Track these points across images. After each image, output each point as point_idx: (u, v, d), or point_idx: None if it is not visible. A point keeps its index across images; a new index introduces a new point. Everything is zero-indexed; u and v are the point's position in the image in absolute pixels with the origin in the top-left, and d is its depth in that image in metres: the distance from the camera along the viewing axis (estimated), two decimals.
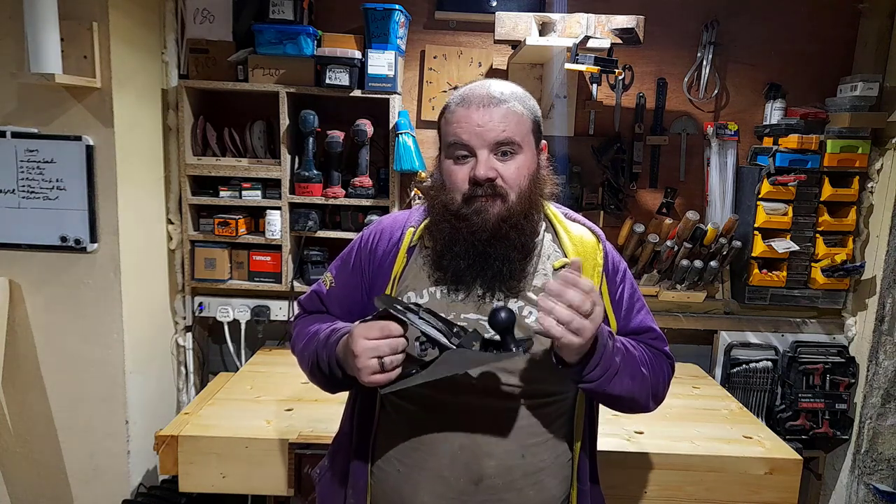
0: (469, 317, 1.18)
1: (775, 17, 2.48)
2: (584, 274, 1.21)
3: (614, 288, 1.29)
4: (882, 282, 2.39)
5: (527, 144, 1.18)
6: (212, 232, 2.40)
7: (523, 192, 1.17)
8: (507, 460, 1.19)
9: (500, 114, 1.16)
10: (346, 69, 2.25)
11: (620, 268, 1.32)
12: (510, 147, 1.16)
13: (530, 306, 1.18)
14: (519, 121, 1.17)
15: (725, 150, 2.52)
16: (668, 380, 1.30)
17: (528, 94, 1.24)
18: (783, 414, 2.52)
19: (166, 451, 1.78)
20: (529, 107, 1.21)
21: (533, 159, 1.20)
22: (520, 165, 1.17)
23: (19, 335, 2.11)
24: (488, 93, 1.18)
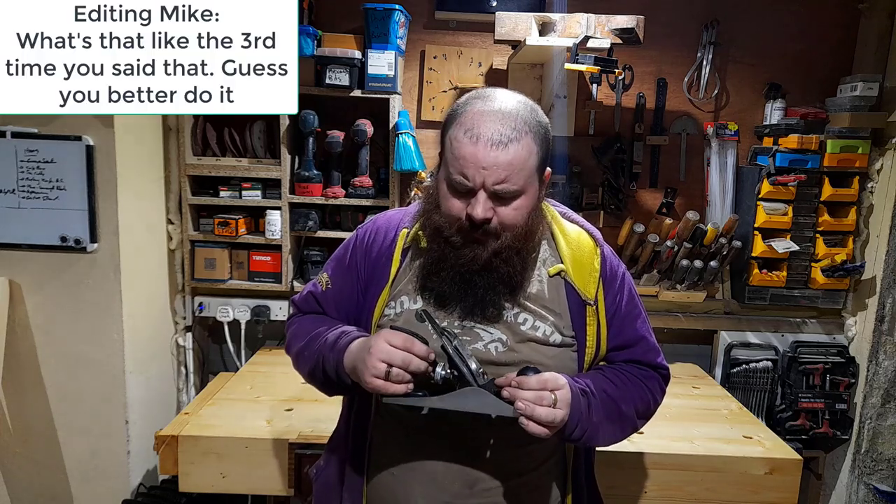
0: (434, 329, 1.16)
1: (775, 17, 2.48)
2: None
3: (612, 295, 1.25)
4: (882, 282, 2.39)
5: (530, 185, 1.11)
6: (212, 232, 2.40)
7: (522, 230, 1.13)
8: (503, 464, 1.18)
9: (507, 159, 1.06)
10: (346, 69, 2.25)
11: (619, 272, 1.28)
12: (511, 194, 1.10)
13: (525, 313, 1.17)
14: (525, 164, 1.09)
15: (725, 150, 2.52)
16: (656, 396, 1.28)
17: (539, 119, 1.14)
18: (783, 414, 2.52)
19: (166, 451, 1.78)
20: (541, 137, 1.12)
21: (534, 196, 1.14)
22: (519, 206, 1.11)
23: (19, 335, 2.11)
24: (498, 128, 1.07)
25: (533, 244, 1.17)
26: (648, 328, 1.31)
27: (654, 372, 1.29)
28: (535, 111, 1.14)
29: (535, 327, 1.17)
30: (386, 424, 1.22)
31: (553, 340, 1.18)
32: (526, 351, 1.16)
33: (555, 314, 1.19)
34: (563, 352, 1.19)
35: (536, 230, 1.17)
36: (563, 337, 1.19)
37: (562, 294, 1.20)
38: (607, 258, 1.26)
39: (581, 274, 1.21)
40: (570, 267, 1.21)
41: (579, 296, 1.20)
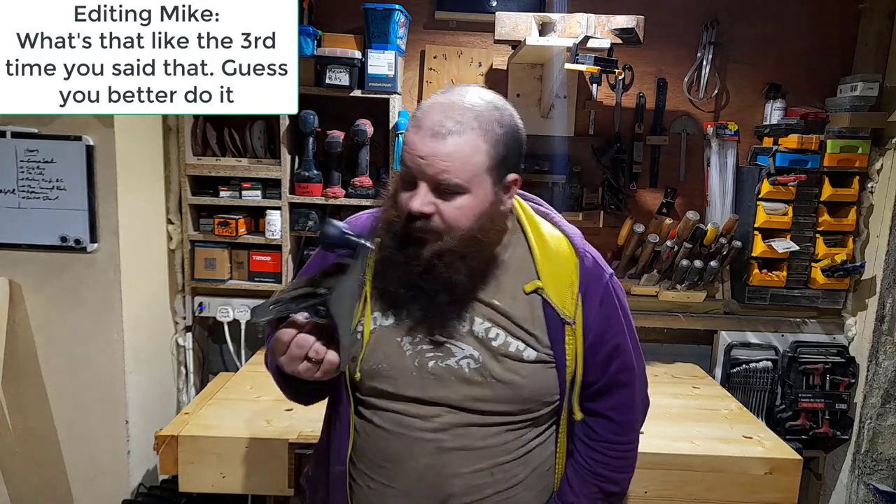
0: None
1: (775, 17, 2.48)
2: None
3: (589, 311, 1.17)
4: (882, 282, 2.39)
5: (477, 184, 1.06)
6: (212, 232, 2.40)
7: (466, 233, 1.07)
8: (475, 480, 1.16)
9: (446, 150, 1.03)
10: (346, 69, 2.25)
11: (602, 282, 1.19)
12: (451, 188, 1.05)
13: (497, 328, 1.13)
14: (468, 160, 1.04)
15: (725, 150, 2.52)
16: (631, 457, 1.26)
17: (501, 117, 1.07)
18: (783, 414, 2.52)
19: (166, 451, 1.78)
20: (496, 138, 1.06)
21: (485, 199, 1.08)
22: (463, 206, 1.06)
23: (19, 335, 2.11)
24: (440, 119, 1.04)
25: (485, 253, 1.12)
26: (634, 354, 1.23)
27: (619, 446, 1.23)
28: (500, 111, 1.08)
29: (507, 343, 1.13)
30: (362, 437, 1.20)
31: (527, 357, 1.14)
32: (498, 369, 1.12)
33: (529, 332, 1.14)
34: (538, 369, 1.15)
35: (488, 238, 1.11)
36: (539, 354, 1.15)
37: (537, 311, 1.15)
38: (588, 268, 1.18)
39: (559, 289, 1.15)
40: (548, 282, 1.15)
41: (557, 314, 1.14)
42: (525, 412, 1.17)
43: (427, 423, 1.15)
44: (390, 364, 1.15)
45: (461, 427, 1.15)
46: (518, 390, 1.14)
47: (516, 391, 1.14)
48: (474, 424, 1.15)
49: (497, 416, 1.15)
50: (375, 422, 1.18)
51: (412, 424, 1.15)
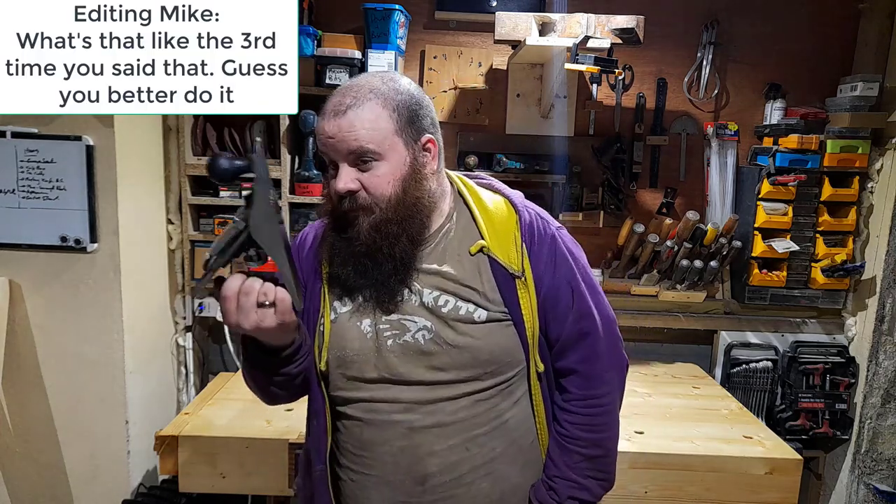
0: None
1: (775, 17, 2.48)
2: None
3: (538, 263, 1.18)
4: (882, 282, 2.39)
5: (390, 148, 1.10)
6: (212, 232, 2.40)
7: (394, 199, 1.11)
8: (450, 456, 1.16)
9: (348, 122, 1.08)
10: (346, 69, 2.26)
11: (547, 235, 1.20)
12: (367, 156, 1.09)
13: (446, 294, 1.15)
14: (373, 125, 1.09)
15: (725, 150, 2.52)
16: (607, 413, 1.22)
17: (398, 86, 1.13)
18: (783, 414, 2.52)
19: (166, 451, 1.78)
20: (395, 102, 1.11)
21: (403, 161, 1.12)
22: (383, 173, 1.10)
23: (19, 335, 2.11)
24: (339, 99, 1.10)
25: (419, 217, 1.14)
26: (599, 307, 1.22)
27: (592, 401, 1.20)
28: (393, 81, 1.14)
29: (457, 307, 1.15)
30: (340, 430, 1.22)
31: (478, 317, 1.15)
32: (452, 334, 1.14)
33: (478, 292, 1.15)
34: (493, 328, 1.16)
35: (416, 200, 1.13)
36: (491, 313, 1.15)
37: (485, 270, 1.17)
38: (530, 221, 1.20)
39: (503, 245, 1.18)
40: (491, 240, 1.17)
41: (505, 269, 1.16)
42: (489, 375, 1.17)
43: (395, 405, 1.17)
44: (353, 349, 1.18)
45: (429, 404, 1.16)
46: (475, 353, 1.14)
47: (474, 354, 1.14)
48: (441, 399, 1.16)
49: (462, 385, 1.16)
50: (349, 413, 1.20)
51: (381, 409, 1.17)
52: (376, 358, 1.17)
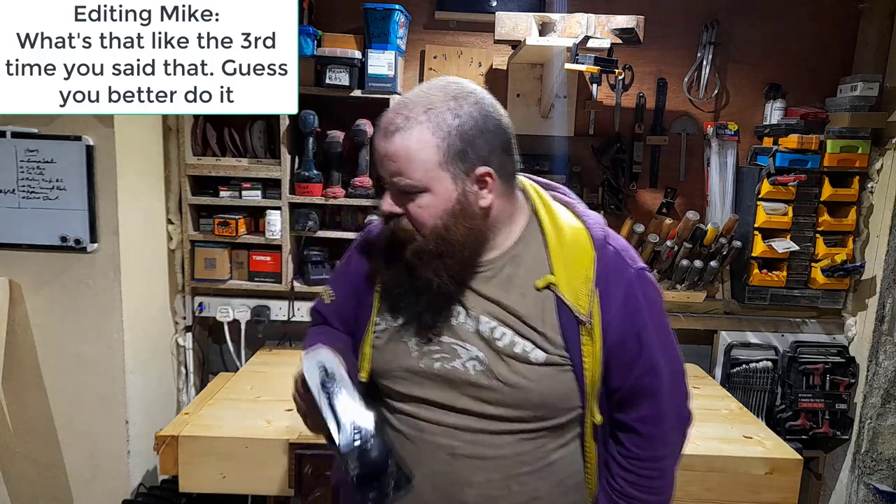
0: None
1: (775, 17, 2.48)
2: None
3: (609, 308, 1.07)
4: (882, 282, 2.39)
5: (434, 180, 1.00)
6: (212, 232, 2.40)
7: (435, 234, 1.03)
8: (490, 490, 1.10)
9: (394, 148, 1.00)
10: (346, 69, 2.25)
11: (624, 277, 1.08)
12: (406, 188, 1.01)
13: (504, 327, 1.07)
14: (417, 156, 0.99)
15: (725, 150, 2.52)
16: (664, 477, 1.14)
17: (459, 108, 1.00)
18: (783, 414, 2.52)
19: (166, 451, 1.78)
20: (447, 129, 0.99)
21: (448, 195, 1.01)
22: (426, 204, 1.02)
23: (19, 335, 2.11)
24: (392, 117, 1.01)
25: (464, 252, 1.05)
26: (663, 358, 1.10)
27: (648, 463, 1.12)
28: (459, 101, 1.01)
29: (514, 343, 1.06)
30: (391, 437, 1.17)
31: (535, 358, 1.06)
32: (505, 371, 1.06)
33: (537, 332, 1.07)
34: (549, 371, 1.07)
35: (462, 237, 1.04)
36: (549, 355, 1.06)
37: (550, 309, 1.07)
38: (608, 261, 1.09)
39: (573, 284, 1.07)
40: (560, 276, 1.07)
41: (571, 311, 1.06)
42: (538, 419, 1.09)
43: (438, 427, 1.11)
44: (399, 364, 1.13)
45: (472, 433, 1.10)
46: (527, 394, 1.06)
47: (525, 395, 1.06)
48: (485, 431, 1.09)
49: (508, 423, 1.09)
50: (394, 423, 1.16)
51: (425, 428, 1.12)
52: (422, 379, 1.11)
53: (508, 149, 1.06)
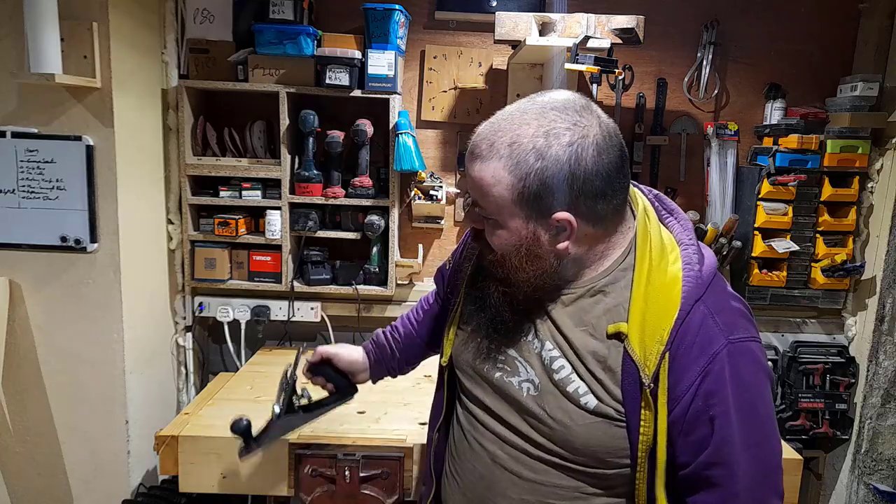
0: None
1: (775, 17, 2.48)
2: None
3: (681, 377, 0.92)
4: (882, 282, 2.39)
5: (505, 216, 0.96)
6: (212, 232, 2.40)
7: (502, 261, 1.00)
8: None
9: (473, 175, 0.97)
10: (346, 69, 2.25)
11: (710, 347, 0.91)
12: (482, 213, 1.00)
13: (564, 359, 1.01)
14: (489, 190, 0.95)
15: (725, 150, 2.52)
16: None
17: (544, 148, 0.91)
18: (783, 414, 2.52)
19: (166, 451, 1.78)
20: (527, 170, 0.92)
21: (518, 235, 0.97)
22: (498, 234, 0.99)
23: (19, 335, 2.11)
24: (478, 141, 0.96)
25: (529, 288, 1.01)
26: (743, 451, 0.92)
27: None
28: (549, 140, 0.91)
29: (570, 380, 0.99)
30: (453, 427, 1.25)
31: (586, 404, 0.98)
32: (552, 404, 1.00)
33: (595, 377, 0.98)
34: (598, 421, 0.98)
35: (527, 276, 0.99)
36: (602, 405, 0.97)
37: (615, 357, 0.97)
38: (691, 323, 0.93)
39: (646, 338, 0.94)
40: (635, 328, 0.95)
41: (637, 367, 0.94)
42: (581, 464, 1.02)
43: (488, 432, 1.11)
44: (468, 361, 1.14)
45: (515, 449, 1.07)
46: (569, 437, 1.00)
47: (568, 437, 1.00)
48: (527, 453, 1.06)
49: (549, 454, 1.04)
50: (459, 412, 1.20)
51: (479, 429, 1.13)
52: (483, 383, 1.12)
53: (606, 191, 0.95)
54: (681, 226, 1.06)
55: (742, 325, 0.96)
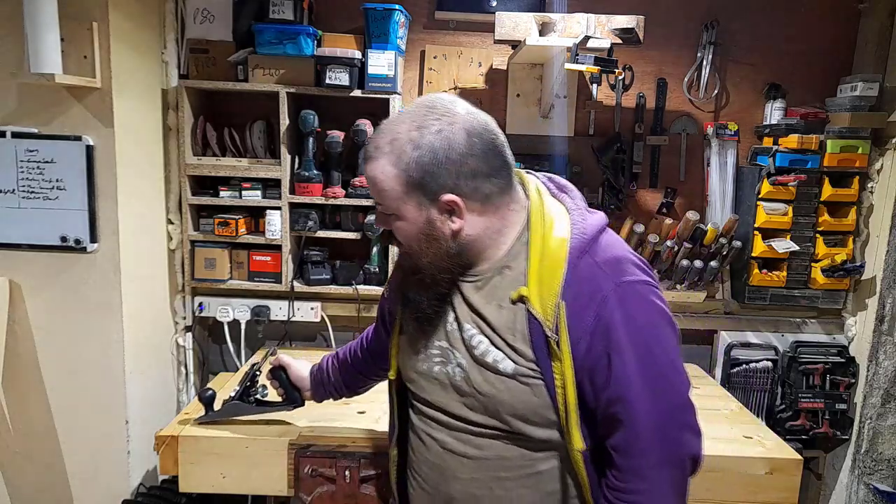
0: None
1: (775, 17, 2.48)
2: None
3: (578, 324, 1.00)
4: (882, 282, 2.39)
5: (400, 208, 1.05)
6: (212, 232, 2.40)
7: (412, 253, 1.10)
8: (473, 488, 1.14)
9: (367, 176, 1.07)
10: (346, 69, 2.25)
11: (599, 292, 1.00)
12: (383, 211, 1.09)
13: (481, 335, 1.09)
14: (382, 185, 1.04)
15: (725, 150, 2.52)
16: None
17: (421, 138, 1.00)
18: (783, 414, 2.52)
19: (166, 451, 1.78)
20: (408, 160, 1.01)
21: (414, 223, 1.06)
22: (399, 227, 1.08)
23: (19, 335, 2.11)
24: (369, 145, 1.07)
25: (432, 271, 1.09)
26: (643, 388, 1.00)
27: (621, 494, 1.03)
28: (422, 130, 1.01)
29: (488, 352, 1.08)
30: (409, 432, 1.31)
31: (504, 369, 1.06)
32: (479, 379, 1.09)
33: (507, 343, 1.06)
34: (519, 385, 1.06)
35: (432, 259, 1.08)
36: (519, 367, 1.05)
37: (521, 321, 1.06)
38: (579, 273, 1.02)
39: (545, 296, 1.03)
40: (534, 290, 1.04)
41: (541, 325, 1.03)
42: (517, 430, 1.09)
43: (435, 423, 1.19)
44: (411, 366, 1.22)
45: (461, 432, 1.16)
46: (498, 405, 1.08)
47: (496, 406, 1.08)
48: (470, 432, 1.14)
49: (488, 429, 1.12)
50: (412, 415, 1.28)
51: (429, 423, 1.21)
52: (426, 382, 1.20)
53: (488, 171, 1.04)
54: (571, 198, 1.14)
55: (631, 271, 1.04)
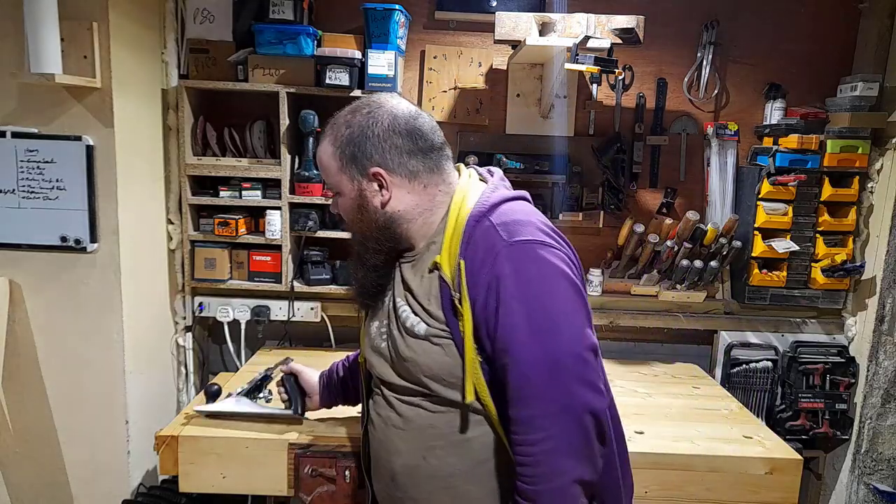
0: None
1: (775, 17, 2.48)
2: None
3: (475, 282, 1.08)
4: (882, 282, 2.39)
5: (340, 183, 1.22)
6: (212, 232, 2.40)
7: (350, 227, 1.26)
8: (410, 459, 1.20)
9: (317, 157, 1.26)
10: (346, 69, 2.25)
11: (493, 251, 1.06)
12: (329, 189, 1.26)
13: (405, 304, 1.19)
14: (325, 162, 1.22)
15: (725, 150, 2.52)
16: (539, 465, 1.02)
17: (352, 119, 1.20)
18: (783, 414, 2.52)
19: (166, 451, 1.78)
20: (342, 139, 1.20)
21: (352, 195, 1.21)
22: (341, 203, 1.25)
23: (19, 335, 2.11)
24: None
25: (369, 245, 1.22)
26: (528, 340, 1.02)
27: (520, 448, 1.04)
28: (353, 113, 1.21)
29: (407, 318, 1.18)
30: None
31: (419, 331, 1.15)
32: (401, 345, 1.18)
33: (423, 307, 1.15)
34: (433, 346, 1.13)
35: (363, 234, 1.22)
36: (430, 328, 1.13)
37: (434, 286, 1.14)
38: (473, 233, 1.10)
39: (451, 262, 1.12)
40: (445, 257, 1.14)
41: (448, 286, 1.12)
42: (438, 394, 1.15)
43: (380, 399, 1.27)
44: (367, 347, 1.32)
45: (394, 402, 1.23)
46: (416, 368, 1.16)
47: (415, 369, 1.16)
48: (402, 402, 1.22)
49: (415, 396, 1.19)
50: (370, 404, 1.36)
51: (376, 401, 1.29)
52: (375, 358, 1.28)
53: (412, 148, 1.19)
54: (492, 177, 1.25)
55: (528, 233, 1.09)
